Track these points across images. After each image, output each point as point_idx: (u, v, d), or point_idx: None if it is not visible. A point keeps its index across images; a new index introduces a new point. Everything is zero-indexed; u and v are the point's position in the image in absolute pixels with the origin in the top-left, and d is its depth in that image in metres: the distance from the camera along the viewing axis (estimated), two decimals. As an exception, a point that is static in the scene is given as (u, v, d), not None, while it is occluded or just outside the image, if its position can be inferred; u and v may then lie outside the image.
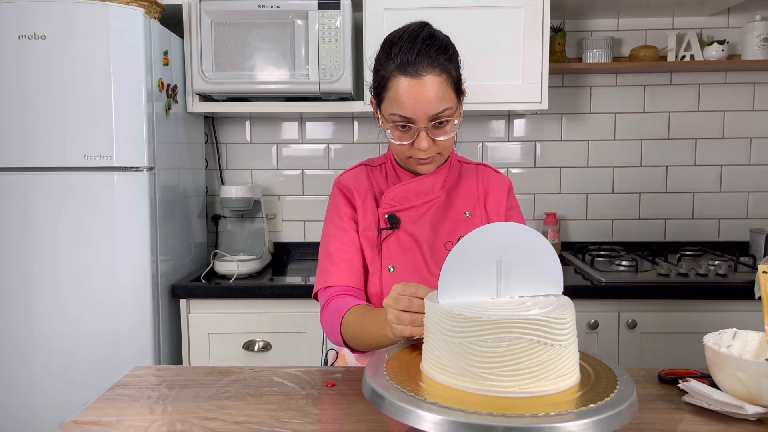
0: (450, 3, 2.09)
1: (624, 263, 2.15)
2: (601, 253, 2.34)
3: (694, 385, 0.97)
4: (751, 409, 0.89)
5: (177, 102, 2.13)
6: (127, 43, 1.84)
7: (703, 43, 2.36)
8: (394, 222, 1.25)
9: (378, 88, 1.17)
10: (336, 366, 1.30)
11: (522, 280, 0.88)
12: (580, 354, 0.87)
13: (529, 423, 0.68)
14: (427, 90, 1.10)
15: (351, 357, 1.28)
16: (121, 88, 1.84)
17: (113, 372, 1.78)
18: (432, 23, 1.18)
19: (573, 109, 2.51)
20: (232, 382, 1.08)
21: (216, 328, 2.01)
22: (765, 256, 2.28)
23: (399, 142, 1.17)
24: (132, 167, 1.87)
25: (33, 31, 1.81)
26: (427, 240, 1.24)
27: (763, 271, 0.99)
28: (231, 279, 2.09)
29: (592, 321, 1.95)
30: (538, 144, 2.53)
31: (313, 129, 2.54)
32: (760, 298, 1.00)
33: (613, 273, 2.06)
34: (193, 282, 2.05)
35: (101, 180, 1.86)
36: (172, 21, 2.18)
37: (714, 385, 0.97)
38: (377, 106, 1.20)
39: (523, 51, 2.11)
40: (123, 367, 1.59)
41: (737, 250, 2.32)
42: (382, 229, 1.25)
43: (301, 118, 2.54)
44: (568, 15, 2.45)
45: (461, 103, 1.20)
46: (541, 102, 2.13)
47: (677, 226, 2.54)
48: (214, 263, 2.17)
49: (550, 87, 2.29)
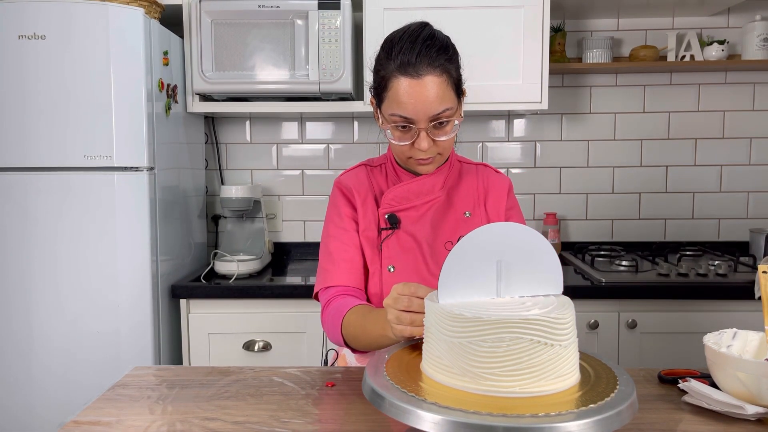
0: (450, 3, 2.09)
1: (624, 263, 2.15)
2: (601, 253, 2.34)
3: (694, 385, 0.97)
4: (751, 409, 0.89)
5: (177, 102, 2.13)
6: (127, 43, 1.84)
7: (703, 43, 2.36)
8: (394, 222, 1.25)
9: (378, 89, 1.17)
10: (336, 366, 1.30)
11: (522, 280, 0.88)
12: (580, 354, 0.87)
13: (529, 423, 0.68)
14: (427, 90, 1.10)
15: (351, 357, 1.28)
16: (121, 88, 1.84)
17: (113, 372, 1.78)
18: (432, 23, 1.18)
19: (573, 109, 2.51)
20: (232, 382, 1.08)
21: (216, 328, 2.01)
22: (765, 256, 2.28)
23: (399, 143, 1.17)
24: (132, 167, 1.87)
25: (33, 31, 1.81)
26: (427, 240, 1.24)
27: (763, 271, 0.99)
28: (231, 279, 2.09)
29: (592, 321, 1.95)
30: (538, 144, 2.53)
31: (313, 129, 2.54)
32: (760, 298, 1.00)
33: (613, 273, 2.06)
34: (193, 282, 2.05)
35: (101, 180, 1.86)
36: (172, 21, 2.18)
37: (714, 385, 0.97)
38: (377, 106, 1.20)
39: (523, 51, 2.11)
40: (123, 367, 1.59)
41: (737, 250, 2.31)
42: (383, 229, 1.25)
43: (301, 118, 2.54)
44: (568, 15, 2.45)
45: (461, 103, 1.20)
46: (541, 102, 2.13)
47: (677, 226, 2.54)
48: (214, 263, 2.17)
49: (550, 87, 2.29)
